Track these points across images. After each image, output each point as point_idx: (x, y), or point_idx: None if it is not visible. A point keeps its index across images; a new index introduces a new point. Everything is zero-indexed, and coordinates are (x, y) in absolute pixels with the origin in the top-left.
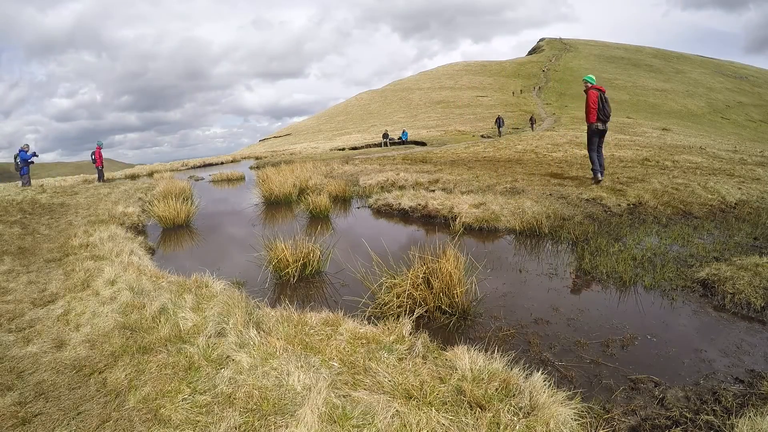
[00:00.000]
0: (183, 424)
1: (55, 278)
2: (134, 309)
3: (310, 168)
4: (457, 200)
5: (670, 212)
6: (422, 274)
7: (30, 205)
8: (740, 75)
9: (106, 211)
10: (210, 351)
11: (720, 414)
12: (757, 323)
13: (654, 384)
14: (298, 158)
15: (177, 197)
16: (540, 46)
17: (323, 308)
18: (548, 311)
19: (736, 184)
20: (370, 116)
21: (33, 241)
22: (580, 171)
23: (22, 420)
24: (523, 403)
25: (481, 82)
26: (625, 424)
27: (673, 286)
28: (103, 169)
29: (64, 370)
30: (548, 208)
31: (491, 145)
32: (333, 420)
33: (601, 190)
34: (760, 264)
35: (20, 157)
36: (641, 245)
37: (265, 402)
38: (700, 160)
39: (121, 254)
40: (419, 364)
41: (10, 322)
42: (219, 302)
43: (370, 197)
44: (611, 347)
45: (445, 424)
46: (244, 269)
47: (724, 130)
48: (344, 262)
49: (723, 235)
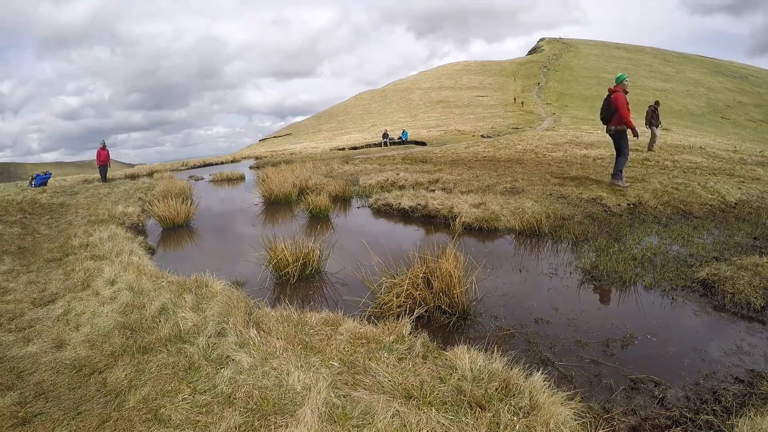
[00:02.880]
0: (183, 424)
1: (55, 278)
2: (134, 309)
3: (309, 168)
4: (457, 200)
5: (670, 212)
6: (422, 274)
7: (30, 205)
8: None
9: (106, 211)
10: (210, 351)
11: (720, 414)
12: (757, 323)
13: (654, 384)
14: (298, 158)
15: (177, 197)
16: (540, 46)
17: (323, 308)
18: (548, 311)
19: (736, 184)
20: (370, 116)
21: (33, 240)
22: (580, 171)
23: (22, 420)
24: (523, 402)
25: (481, 82)
26: (625, 424)
27: (673, 286)
28: (108, 168)
29: (64, 370)
30: (548, 207)
31: (491, 145)
32: (333, 420)
33: (601, 189)
34: (760, 264)
35: (36, 180)
36: (641, 245)
37: (265, 402)
38: (700, 159)
39: (121, 254)
40: (419, 363)
41: (10, 321)
42: (219, 302)
43: (370, 197)
44: (611, 347)
45: (445, 424)
46: (244, 269)
47: (724, 129)
48: (344, 262)
49: (723, 234)
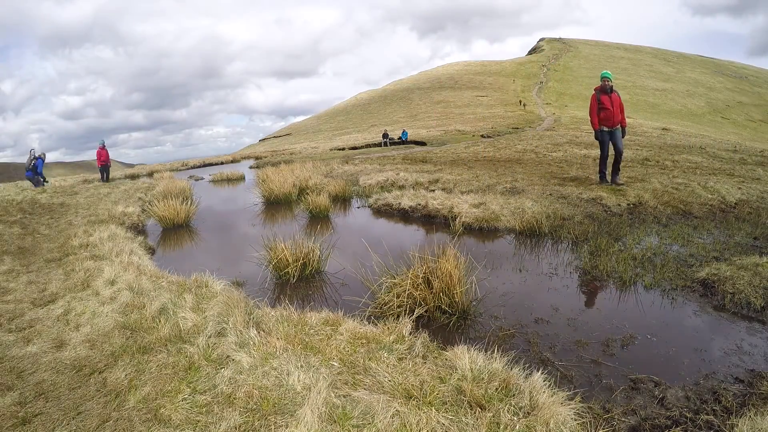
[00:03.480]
0: (183, 424)
1: (55, 278)
2: (134, 309)
3: (309, 168)
4: (457, 200)
5: (670, 212)
6: (422, 274)
7: (30, 205)
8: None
9: (105, 211)
10: (210, 351)
11: (720, 414)
12: (756, 323)
13: (654, 384)
14: (298, 158)
15: (177, 197)
16: (540, 46)
17: (323, 308)
18: (548, 311)
19: (736, 184)
20: (370, 116)
21: (33, 241)
22: (580, 171)
23: (22, 420)
24: (523, 402)
25: (481, 82)
26: (625, 424)
27: (673, 286)
28: (109, 167)
29: (64, 370)
30: (548, 207)
31: (491, 145)
32: (333, 420)
33: (601, 189)
34: (760, 264)
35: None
36: (641, 245)
37: (265, 402)
38: (700, 159)
39: (121, 254)
40: (419, 363)
41: (10, 322)
42: (219, 302)
43: (370, 197)
44: (611, 347)
45: (445, 424)
46: (244, 269)
47: (724, 129)
48: (344, 262)
49: (723, 234)
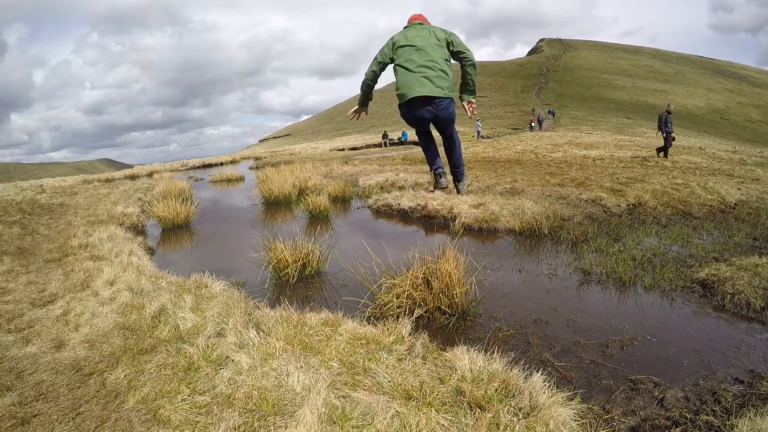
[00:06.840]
0: (182, 424)
1: (54, 278)
2: (134, 309)
3: (309, 168)
4: (457, 200)
5: (669, 213)
6: (422, 275)
7: (29, 205)
8: (739, 75)
9: (105, 212)
10: (209, 351)
11: (720, 414)
12: (756, 324)
13: (654, 384)
14: (298, 159)
15: (176, 197)
16: (540, 47)
17: (323, 308)
18: (548, 311)
19: (736, 185)
20: (370, 116)
21: (32, 241)
22: (579, 171)
23: (21, 420)
24: (523, 403)
25: (480, 82)
26: (625, 425)
27: (672, 287)
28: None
29: (63, 370)
30: (548, 208)
31: (491, 146)
32: (332, 420)
33: (600, 190)
34: (760, 264)
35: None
36: (641, 246)
37: (265, 402)
38: (699, 160)
39: (120, 254)
40: (419, 364)
41: (9, 322)
42: (218, 303)
43: (369, 197)
44: (611, 348)
45: (444, 425)
46: (244, 270)
47: (723, 130)
48: (344, 263)
49: (722, 235)
